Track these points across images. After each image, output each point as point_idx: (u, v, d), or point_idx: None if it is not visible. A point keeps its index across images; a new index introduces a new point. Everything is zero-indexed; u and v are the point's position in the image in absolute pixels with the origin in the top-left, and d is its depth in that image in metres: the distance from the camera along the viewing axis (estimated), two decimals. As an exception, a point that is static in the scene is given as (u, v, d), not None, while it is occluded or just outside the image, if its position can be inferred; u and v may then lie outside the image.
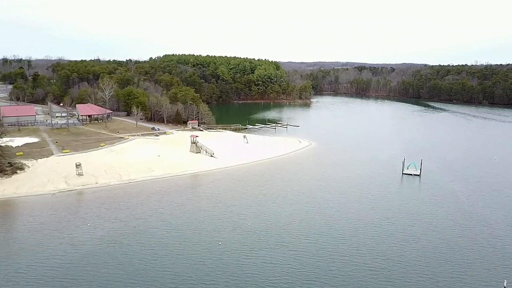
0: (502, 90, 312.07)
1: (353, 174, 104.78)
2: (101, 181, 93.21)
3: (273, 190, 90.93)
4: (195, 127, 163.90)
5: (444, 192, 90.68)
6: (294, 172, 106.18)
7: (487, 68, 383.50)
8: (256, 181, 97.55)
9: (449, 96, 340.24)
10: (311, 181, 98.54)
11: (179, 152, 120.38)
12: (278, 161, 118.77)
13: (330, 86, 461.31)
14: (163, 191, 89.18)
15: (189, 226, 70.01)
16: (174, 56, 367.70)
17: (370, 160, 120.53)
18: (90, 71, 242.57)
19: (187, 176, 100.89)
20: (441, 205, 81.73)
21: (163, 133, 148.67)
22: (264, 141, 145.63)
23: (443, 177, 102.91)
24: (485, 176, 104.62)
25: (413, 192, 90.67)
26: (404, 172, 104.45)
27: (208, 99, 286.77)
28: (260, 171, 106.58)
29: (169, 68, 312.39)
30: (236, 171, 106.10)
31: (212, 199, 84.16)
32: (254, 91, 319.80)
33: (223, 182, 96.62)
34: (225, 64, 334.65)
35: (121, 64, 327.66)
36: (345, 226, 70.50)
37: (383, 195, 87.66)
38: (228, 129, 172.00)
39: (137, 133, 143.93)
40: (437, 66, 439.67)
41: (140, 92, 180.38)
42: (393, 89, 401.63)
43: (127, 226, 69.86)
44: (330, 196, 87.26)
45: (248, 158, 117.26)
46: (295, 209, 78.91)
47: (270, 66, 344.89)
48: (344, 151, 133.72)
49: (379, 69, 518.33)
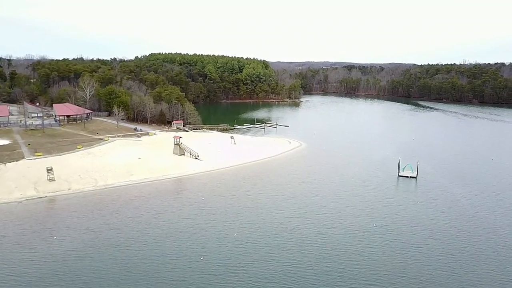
0: (491, 89, 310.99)
1: (346, 177, 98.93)
2: (74, 186, 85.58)
3: (261, 195, 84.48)
4: (180, 128, 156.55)
5: (443, 195, 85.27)
6: (284, 175, 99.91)
7: (476, 67, 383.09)
8: (243, 185, 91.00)
9: (439, 95, 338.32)
10: (302, 184, 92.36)
11: (162, 154, 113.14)
12: (267, 163, 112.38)
13: (320, 85, 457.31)
14: (142, 197, 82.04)
15: (169, 237, 63.12)
16: (160, 54, 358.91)
17: (364, 161, 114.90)
18: (71, 69, 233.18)
19: (169, 180, 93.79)
20: (442, 210, 76.20)
21: (145, 134, 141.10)
22: (253, 142, 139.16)
23: (440, 179, 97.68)
24: (483, 177, 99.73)
25: (411, 196, 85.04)
26: (400, 174, 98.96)
27: (195, 99, 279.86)
28: (248, 174, 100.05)
29: (155, 67, 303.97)
30: (222, 175, 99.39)
31: (195, 206, 77.33)
32: (243, 91, 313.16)
33: (208, 186, 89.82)
34: (213, 62, 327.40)
35: (106, 63, 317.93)
36: (340, 235, 64.35)
37: (380, 200, 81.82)
38: (215, 129, 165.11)
39: (118, 134, 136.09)
40: (426, 65, 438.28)
41: (122, 91, 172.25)
42: (382, 88, 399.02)
43: (99, 237, 62.67)
44: (323, 201, 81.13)
45: (236, 160, 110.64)
46: (285, 216, 72.55)
47: (259, 65, 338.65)
48: (335, 152, 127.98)
49: (368, 68, 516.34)
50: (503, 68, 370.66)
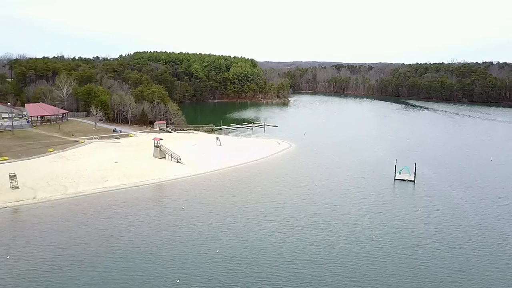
0: (481, 88, 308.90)
1: (339, 181, 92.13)
2: (40, 195, 76.93)
3: (248, 202, 77.07)
4: (163, 128, 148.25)
5: (445, 200, 78.99)
6: (273, 179, 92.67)
7: (465, 66, 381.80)
8: (228, 191, 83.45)
9: (428, 94, 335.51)
10: (293, 189, 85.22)
11: (141, 157, 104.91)
12: (254, 166, 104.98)
13: (308, 84, 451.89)
14: (116, 206, 73.89)
15: (142, 253, 55.28)
16: (145, 53, 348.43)
17: (357, 164, 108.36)
18: (49, 68, 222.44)
19: (147, 186, 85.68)
20: (445, 217, 69.80)
21: (125, 135, 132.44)
22: (240, 143, 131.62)
23: (439, 182, 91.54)
24: (484, 180, 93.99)
25: (410, 202, 78.52)
26: (397, 177, 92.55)
27: (181, 98, 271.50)
28: (234, 179, 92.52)
29: (139, 65, 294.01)
30: (206, 179, 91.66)
31: (174, 215, 69.53)
32: (230, 90, 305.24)
33: (190, 193, 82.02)
34: (199, 61, 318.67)
35: (88, 61, 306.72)
36: (337, 248, 57.29)
37: (377, 207, 75.07)
38: (200, 130, 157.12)
39: (95, 136, 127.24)
40: (415, 64, 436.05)
41: (101, 90, 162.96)
42: (372, 87, 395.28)
43: (62, 255, 54.54)
44: (315, 208, 74.08)
45: (221, 164, 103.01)
46: (274, 226, 65.27)
47: (247, 64, 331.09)
48: (327, 153, 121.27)
49: (357, 67, 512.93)
50: (491, 67, 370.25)
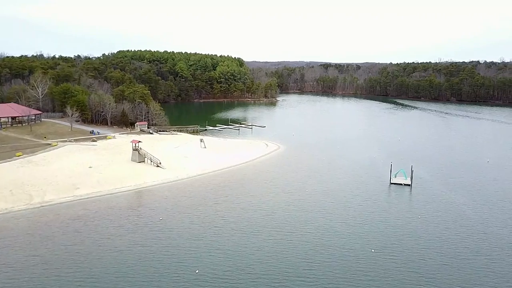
0: (469, 87, 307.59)
1: (332, 185, 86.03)
2: (1, 205, 68.89)
3: (233, 210, 70.33)
4: (144, 130, 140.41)
5: (446, 206, 73.38)
6: (261, 184, 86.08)
7: (452, 65, 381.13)
8: (212, 198, 76.56)
9: (416, 93, 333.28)
10: (282, 195, 78.76)
11: (118, 161, 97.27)
12: (241, 169, 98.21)
13: (296, 84, 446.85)
14: (87, 217, 66.41)
15: (111, 273, 48.13)
16: (129, 52, 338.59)
17: (350, 166, 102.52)
18: (25, 66, 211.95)
19: (123, 194, 78.18)
20: (448, 226, 64.10)
21: (103, 137, 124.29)
22: (225, 145, 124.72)
23: (437, 185, 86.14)
24: (484, 182, 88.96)
25: (409, 209, 72.69)
26: (393, 181, 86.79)
27: (165, 98, 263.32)
28: (218, 184, 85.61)
29: (122, 64, 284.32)
30: (188, 185, 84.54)
31: (151, 227, 62.39)
32: (217, 89, 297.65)
33: (170, 201, 74.86)
34: (184, 60, 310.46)
35: (68, 60, 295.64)
36: (332, 265, 50.93)
37: (374, 215, 69.03)
38: (184, 131, 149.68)
39: (70, 138, 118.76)
40: (403, 64, 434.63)
41: (79, 90, 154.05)
42: (360, 86, 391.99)
43: (18, 277, 47.13)
44: (307, 216, 67.75)
45: (204, 167, 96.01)
46: (262, 238, 58.68)
47: (233, 63, 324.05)
48: (317, 154, 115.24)
49: (344, 66, 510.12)
50: (478, 66, 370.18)
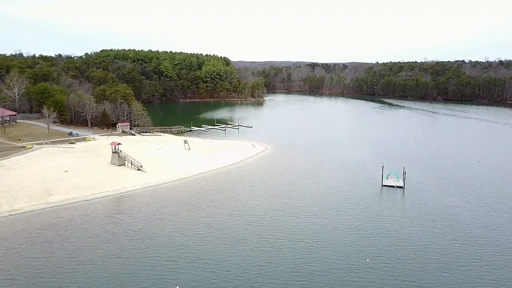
0: (455, 86, 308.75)
1: (322, 188, 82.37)
2: (-36, 215, 63.31)
3: (218, 216, 66.05)
4: (126, 131, 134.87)
5: (441, 209, 70.35)
6: (248, 188, 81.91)
7: (438, 64, 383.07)
8: (195, 204, 72.12)
9: (403, 92, 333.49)
10: (271, 199, 74.76)
11: (97, 165, 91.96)
12: (227, 172, 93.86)
13: (283, 84, 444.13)
14: (59, 226, 61.36)
15: (81, 294, 43.39)
16: (112, 51, 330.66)
17: (339, 167, 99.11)
18: (2, 65, 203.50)
19: (100, 200, 73.10)
20: (445, 231, 60.93)
21: (82, 139, 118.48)
22: (211, 147, 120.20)
23: (430, 187, 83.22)
24: (478, 183, 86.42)
25: (403, 213, 69.38)
26: (384, 183, 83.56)
27: (150, 98, 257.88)
28: (202, 188, 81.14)
29: (105, 63, 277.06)
30: (170, 190, 79.86)
31: (129, 237, 57.70)
32: (202, 89, 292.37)
33: (150, 207, 70.14)
34: (169, 59, 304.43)
35: (49, 59, 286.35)
36: (324, 277, 47.07)
37: (367, 220, 65.51)
38: (168, 132, 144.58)
39: (46, 141, 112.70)
40: (389, 63, 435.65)
41: (57, 89, 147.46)
42: (347, 86, 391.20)
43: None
44: (296, 222, 63.89)
45: (188, 170, 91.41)
46: (249, 248, 54.57)
47: (220, 62, 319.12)
48: (306, 156, 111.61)
49: (331, 66, 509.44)
50: (464, 66, 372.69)
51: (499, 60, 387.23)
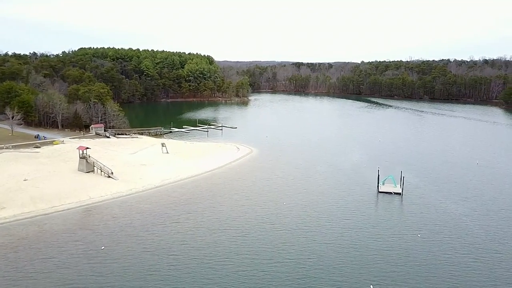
0: (441, 85, 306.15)
1: (312, 195, 74.69)
2: None
3: (197, 231, 57.74)
4: (100, 133, 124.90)
5: (445, 219, 63.40)
6: (231, 196, 73.69)
7: (424, 63, 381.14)
8: (171, 216, 63.59)
9: (389, 91, 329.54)
10: (257, 209, 66.75)
11: (62, 172, 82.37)
12: (208, 178, 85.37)
13: (268, 83, 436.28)
14: (7, 247, 52.20)
15: None
16: (90, 49, 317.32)
17: (330, 172, 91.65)
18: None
19: (62, 214, 63.82)
20: (453, 245, 53.91)
21: (50, 143, 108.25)
22: (191, 150, 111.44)
23: (430, 193, 76.39)
24: (479, 188, 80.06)
25: (404, 224, 62.10)
26: (381, 189, 76.33)
27: (130, 98, 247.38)
28: (179, 198, 72.58)
29: (82, 62, 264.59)
30: (144, 200, 71.03)
31: (89, 259, 48.88)
32: (185, 88, 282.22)
33: (119, 221, 61.29)
34: (151, 58, 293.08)
35: (23, 57, 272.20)
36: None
37: (365, 234, 58.01)
38: (146, 134, 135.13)
39: (8, 145, 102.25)
40: (375, 62, 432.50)
41: (24, 89, 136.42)
42: (332, 85, 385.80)
43: None
44: (286, 237, 56.04)
45: (165, 177, 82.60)
46: (232, 271, 46.41)
47: (203, 61, 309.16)
48: (294, 159, 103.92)
49: (317, 65, 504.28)
50: (449, 65, 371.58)
51: (484, 59, 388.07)
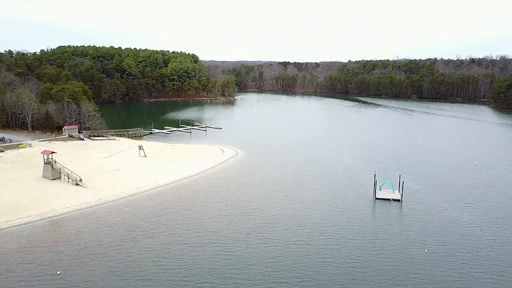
0: (429, 84, 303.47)
1: (303, 203, 67.78)
2: None
3: (172, 247, 50.30)
4: (74, 135, 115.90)
5: (451, 230, 57.12)
6: (214, 205, 66.25)
7: (411, 62, 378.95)
8: (144, 229, 55.92)
9: (377, 90, 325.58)
10: (242, 220, 59.54)
11: (25, 179, 73.69)
12: (188, 185, 77.68)
13: (255, 83, 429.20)
14: None
15: None
16: (70, 47, 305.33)
17: (322, 176, 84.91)
18: None
19: (15, 230, 55.43)
20: (465, 260, 47.64)
21: (15, 146, 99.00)
22: (172, 153, 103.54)
23: (431, 199, 70.21)
24: (482, 192, 74.28)
25: (408, 236, 55.52)
26: (378, 196, 69.80)
27: (111, 98, 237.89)
28: (155, 207, 64.83)
29: (61, 60, 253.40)
30: (114, 211, 63.05)
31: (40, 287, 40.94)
32: (169, 87, 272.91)
33: (82, 237, 53.28)
34: (133, 56, 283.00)
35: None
36: None
37: (365, 249, 51.26)
38: (125, 135, 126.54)
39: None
40: (362, 61, 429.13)
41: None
42: (320, 84, 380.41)
43: None
44: (275, 253, 48.97)
45: (141, 184, 74.67)
46: (211, 302, 39.07)
47: (187, 59, 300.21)
48: (282, 162, 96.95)
49: (303, 64, 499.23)
50: (436, 63, 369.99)
51: (470, 58, 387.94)
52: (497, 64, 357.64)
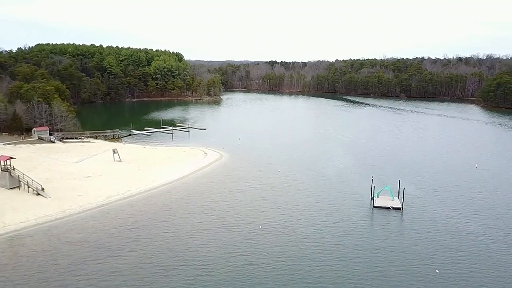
0: (418, 83, 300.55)
1: (293, 213, 60.80)
2: None
3: (144, 267, 42.75)
4: (44, 137, 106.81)
5: (460, 242, 50.79)
6: (194, 216, 58.78)
7: (399, 61, 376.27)
8: (112, 247, 48.16)
9: (366, 89, 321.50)
10: (225, 234, 52.26)
11: (-22, 188, 64.95)
12: (166, 192, 69.96)
13: (241, 82, 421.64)
14: None
15: None
16: (48, 45, 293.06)
17: (313, 180, 78.09)
18: None
19: (-42, 250, 47.10)
20: (483, 279, 41.13)
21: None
22: (150, 156, 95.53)
23: (434, 207, 63.94)
24: (487, 197, 68.47)
25: (414, 254, 48.85)
26: (376, 204, 63.16)
27: (91, 97, 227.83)
28: (127, 220, 57.03)
29: (38, 59, 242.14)
30: (79, 225, 55.02)
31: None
32: (152, 87, 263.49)
33: (36, 259, 45.27)
34: (114, 54, 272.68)
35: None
36: None
37: (365, 267, 44.47)
38: (101, 137, 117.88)
39: None
40: (350, 60, 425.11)
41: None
42: (307, 84, 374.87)
43: None
44: (264, 274, 41.94)
45: (113, 192, 66.65)
46: None
47: (171, 58, 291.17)
48: (270, 165, 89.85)
49: (291, 64, 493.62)
50: (424, 62, 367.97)
51: (457, 57, 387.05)
52: (484, 63, 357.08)
